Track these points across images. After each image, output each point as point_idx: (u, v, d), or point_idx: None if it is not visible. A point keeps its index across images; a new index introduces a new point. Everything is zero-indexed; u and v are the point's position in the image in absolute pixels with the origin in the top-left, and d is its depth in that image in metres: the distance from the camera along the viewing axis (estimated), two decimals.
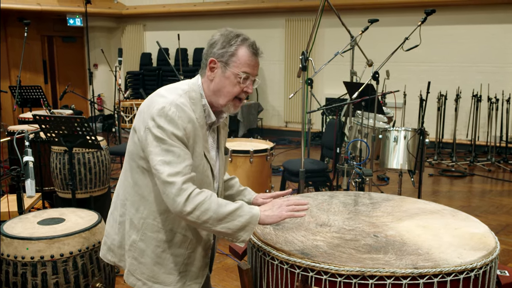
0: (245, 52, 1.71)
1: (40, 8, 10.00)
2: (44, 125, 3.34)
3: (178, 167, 1.62)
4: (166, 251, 1.77)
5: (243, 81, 1.72)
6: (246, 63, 1.71)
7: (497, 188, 6.07)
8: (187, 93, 1.74)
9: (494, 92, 7.47)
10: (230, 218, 1.63)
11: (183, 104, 1.69)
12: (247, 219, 1.64)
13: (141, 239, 1.77)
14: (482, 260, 1.55)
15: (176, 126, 1.64)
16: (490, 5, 7.69)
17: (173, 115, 1.64)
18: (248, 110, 8.99)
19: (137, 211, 1.77)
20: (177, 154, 1.64)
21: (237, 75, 1.70)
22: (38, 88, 6.64)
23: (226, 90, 1.72)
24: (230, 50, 1.70)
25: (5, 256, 2.26)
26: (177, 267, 1.79)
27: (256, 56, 1.73)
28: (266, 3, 9.46)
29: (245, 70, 1.71)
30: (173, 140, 1.64)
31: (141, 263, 1.78)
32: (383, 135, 4.22)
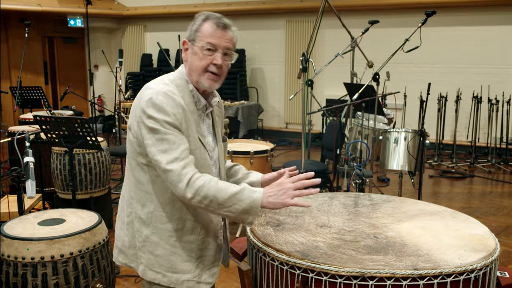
0: (209, 25, 1.73)
1: (41, 9, 10.01)
2: (45, 125, 3.35)
3: (175, 153, 1.65)
4: (179, 240, 1.79)
5: (210, 52, 1.72)
6: (209, 35, 1.72)
7: (497, 189, 6.07)
8: (173, 81, 1.76)
9: (495, 93, 7.47)
10: (231, 202, 1.64)
11: (170, 92, 1.70)
12: (248, 203, 1.64)
13: (153, 232, 1.78)
14: (482, 262, 1.54)
15: (165, 113, 1.66)
16: (490, 7, 7.70)
17: (161, 103, 1.66)
18: (248, 111, 9.00)
19: (143, 207, 1.79)
20: (172, 141, 1.65)
21: (202, 48, 1.72)
22: (38, 88, 6.65)
23: (195, 65, 1.75)
24: (194, 27, 1.74)
25: (6, 257, 2.26)
26: (193, 254, 1.81)
27: (222, 29, 1.73)
28: (266, 4, 9.47)
29: (209, 41, 1.71)
30: (166, 128, 1.66)
31: (158, 256, 1.79)
32: (383, 136, 4.22)
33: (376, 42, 7.47)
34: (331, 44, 8.88)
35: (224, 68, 1.78)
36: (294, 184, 1.68)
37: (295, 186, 1.67)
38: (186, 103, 1.74)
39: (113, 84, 9.81)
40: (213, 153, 1.88)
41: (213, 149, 1.88)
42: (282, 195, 1.66)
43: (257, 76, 10.13)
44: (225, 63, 1.77)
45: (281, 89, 9.83)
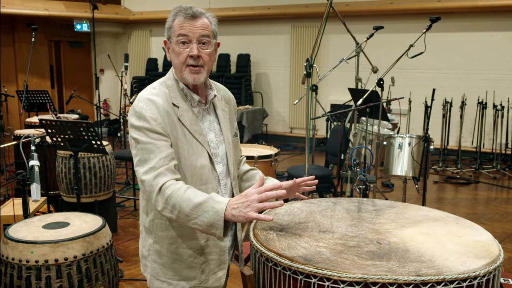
0: (179, 19, 1.68)
1: (47, 13, 10.09)
2: (50, 129, 3.37)
3: (151, 162, 1.62)
4: (180, 247, 1.76)
5: (185, 45, 1.68)
6: (180, 27, 1.67)
7: (502, 195, 6.03)
8: (163, 83, 1.76)
9: (500, 99, 7.45)
10: (195, 213, 1.56)
11: (153, 94, 1.69)
12: (211, 215, 1.54)
13: (155, 240, 1.77)
14: (485, 268, 1.54)
15: (145, 119, 1.64)
16: (495, 13, 7.68)
17: (140, 110, 1.65)
18: (253, 115, 9.01)
19: (147, 215, 1.79)
20: (149, 150, 1.63)
21: (177, 43, 1.69)
22: (44, 92, 6.69)
23: (175, 62, 1.72)
24: (167, 24, 1.72)
25: (10, 260, 2.27)
26: (196, 259, 1.77)
27: (191, 19, 1.67)
28: (272, 9, 9.51)
29: (180, 33, 1.67)
30: (147, 136, 1.64)
31: (161, 265, 1.78)
32: (388, 142, 4.22)
33: (381, 47, 7.47)
34: (336, 49, 8.89)
35: (204, 57, 1.70)
36: (259, 196, 1.54)
37: (259, 198, 1.53)
38: (178, 102, 1.71)
39: (118, 88, 9.86)
40: (217, 150, 1.82)
41: (217, 146, 1.82)
42: (245, 208, 1.53)
43: (262, 81, 10.15)
44: (203, 52, 1.70)
45: (286, 94, 9.84)
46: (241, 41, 10.07)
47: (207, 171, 1.75)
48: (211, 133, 1.81)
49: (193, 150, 1.72)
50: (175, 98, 1.72)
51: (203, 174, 1.75)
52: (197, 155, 1.73)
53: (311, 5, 8.88)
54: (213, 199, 1.57)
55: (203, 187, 1.75)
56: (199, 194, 1.58)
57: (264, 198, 1.54)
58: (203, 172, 1.74)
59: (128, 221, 4.93)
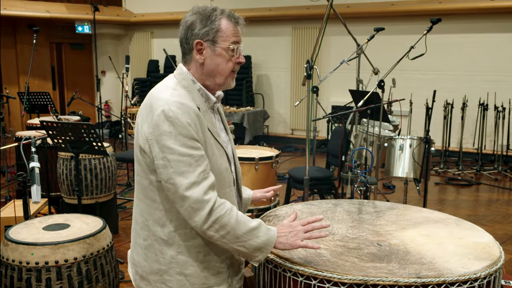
0: (228, 24, 1.63)
1: (49, 15, 10.11)
2: (51, 131, 3.37)
3: (192, 176, 1.53)
4: (208, 254, 1.68)
5: (233, 52, 1.65)
6: (232, 34, 1.64)
7: (503, 197, 6.02)
8: (179, 83, 1.65)
9: (501, 100, 7.44)
10: (247, 237, 1.57)
11: (180, 97, 1.59)
12: (263, 240, 1.58)
13: (179, 251, 1.66)
14: (486, 270, 1.54)
15: (181, 125, 1.53)
16: (496, 14, 7.68)
17: (175, 114, 1.54)
18: (254, 117, 9.01)
19: (163, 227, 1.66)
20: (187, 163, 1.53)
21: (228, 49, 1.63)
22: (46, 94, 6.70)
23: (221, 68, 1.65)
24: (213, 26, 1.62)
25: (10, 261, 2.27)
26: (223, 264, 1.71)
27: (236, 24, 1.66)
28: (273, 11, 9.51)
29: (234, 40, 1.64)
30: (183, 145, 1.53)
31: (189, 275, 1.67)
32: (389, 143, 4.22)
33: (382, 49, 7.47)
34: (337, 51, 8.89)
35: None
36: (305, 227, 1.62)
37: (305, 228, 1.62)
38: (198, 103, 1.63)
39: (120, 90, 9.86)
40: (228, 149, 1.78)
41: (227, 146, 1.79)
42: (292, 237, 1.60)
43: (263, 83, 10.15)
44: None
45: (287, 96, 9.84)
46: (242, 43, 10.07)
47: (228, 173, 1.72)
48: (222, 133, 1.78)
49: (218, 153, 1.67)
50: (195, 99, 1.64)
51: (226, 177, 1.71)
52: (221, 158, 1.69)
53: (312, 6, 8.89)
54: (264, 225, 1.61)
55: (227, 189, 1.71)
56: (249, 219, 1.61)
57: (310, 229, 1.62)
58: (226, 175, 1.70)
59: (129, 222, 4.92)
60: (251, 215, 4.21)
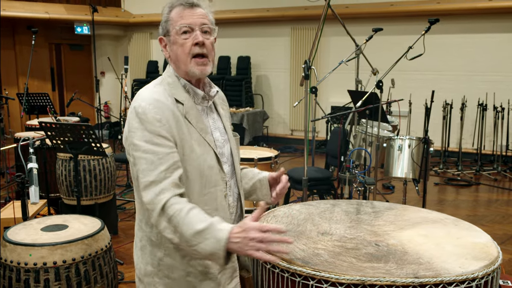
0: (177, 10, 1.61)
1: (48, 16, 10.12)
2: (50, 132, 3.37)
3: (151, 175, 1.49)
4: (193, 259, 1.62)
5: (187, 35, 1.59)
6: (179, 17, 1.60)
7: (503, 197, 6.02)
8: (163, 80, 1.66)
9: (500, 101, 7.44)
10: (196, 240, 1.44)
11: (155, 92, 1.59)
12: (212, 243, 1.43)
13: (166, 254, 1.63)
14: (484, 270, 1.54)
15: (148, 121, 1.52)
16: (495, 14, 7.68)
17: (144, 110, 1.53)
18: (253, 118, 9.02)
19: (152, 228, 1.63)
20: (150, 161, 1.50)
21: (178, 33, 1.59)
22: (45, 95, 6.71)
23: (179, 54, 1.61)
24: (164, 19, 1.64)
25: (8, 262, 2.27)
26: (211, 270, 1.65)
27: (190, 7, 1.61)
28: (271, 11, 9.52)
29: (181, 23, 1.59)
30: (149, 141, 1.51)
31: (175, 280, 1.63)
32: (388, 144, 4.22)
33: (381, 49, 7.47)
34: (336, 51, 8.90)
35: (208, 45, 1.62)
36: (262, 235, 1.42)
37: (261, 237, 1.42)
38: (182, 99, 1.61)
39: (119, 90, 9.86)
40: (223, 149, 1.72)
41: (223, 145, 1.73)
42: (246, 246, 1.42)
43: (262, 83, 10.16)
44: (207, 40, 1.61)
45: (286, 96, 9.85)
46: (241, 44, 10.09)
47: (215, 172, 1.65)
48: (216, 132, 1.73)
49: (200, 151, 1.61)
50: (178, 95, 1.62)
51: (212, 176, 1.64)
52: (205, 155, 1.62)
53: (311, 7, 8.88)
54: (214, 226, 1.45)
55: (212, 189, 1.65)
56: (201, 218, 1.47)
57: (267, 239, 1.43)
58: (212, 173, 1.64)
59: (129, 223, 4.92)
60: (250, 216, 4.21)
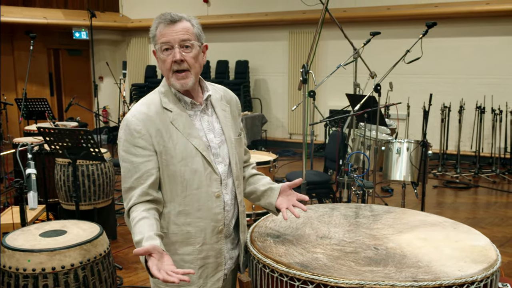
0: (160, 27, 1.71)
1: (46, 21, 10.13)
2: (48, 137, 3.37)
3: (129, 181, 1.71)
4: (175, 253, 1.74)
5: (168, 52, 1.69)
6: (161, 35, 1.70)
7: (502, 199, 6.03)
8: (157, 91, 1.80)
9: (498, 103, 7.46)
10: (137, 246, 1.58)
11: (143, 104, 1.75)
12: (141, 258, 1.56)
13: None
14: (483, 273, 1.54)
15: (129, 132, 1.70)
16: (492, 17, 7.71)
17: (127, 122, 1.71)
18: (252, 121, 9.02)
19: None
20: (127, 169, 1.71)
21: (160, 50, 1.71)
22: (43, 100, 6.70)
23: (162, 69, 1.75)
24: (151, 34, 1.75)
25: (7, 268, 2.26)
26: (193, 265, 1.75)
27: (169, 24, 1.68)
28: (269, 16, 9.54)
29: (161, 41, 1.69)
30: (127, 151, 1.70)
31: None
32: (386, 147, 4.22)
33: (379, 53, 7.49)
34: (334, 55, 8.92)
35: (189, 60, 1.70)
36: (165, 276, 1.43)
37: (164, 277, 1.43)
38: (171, 107, 1.73)
39: (117, 95, 9.88)
40: (218, 150, 1.79)
41: (218, 146, 1.80)
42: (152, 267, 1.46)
43: (261, 87, 10.17)
44: (187, 56, 1.69)
45: (285, 100, 9.86)
46: (239, 48, 10.10)
47: (199, 175, 1.72)
48: (210, 134, 1.79)
49: (184, 155, 1.71)
50: (167, 103, 1.74)
51: (195, 179, 1.72)
52: (188, 160, 1.71)
53: (309, 11, 8.90)
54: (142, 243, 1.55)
55: (194, 191, 1.73)
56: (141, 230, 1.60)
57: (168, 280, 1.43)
58: (194, 176, 1.72)
59: (127, 228, 4.91)
60: (249, 220, 4.21)
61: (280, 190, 1.91)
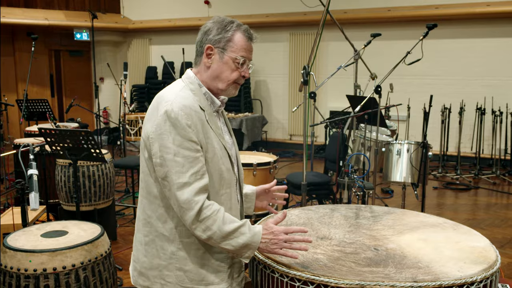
0: (241, 37, 1.73)
1: (47, 23, 10.15)
2: (49, 138, 3.38)
3: (184, 177, 1.61)
4: (208, 251, 1.73)
5: (241, 65, 1.74)
6: (242, 48, 1.73)
7: (502, 201, 6.03)
8: (186, 86, 1.74)
9: (498, 105, 7.47)
10: (234, 235, 1.62)
11: (184, 98, 1.68)
12: (249, 237, 1.63)
13: (179, 248, 1.72)
14: (482, 274, 1.54)
15: (181, 127, 1.61)
16: (493, 19, 7.72)
17: (176, 115, 1.62)
18: (252, 123, 9.03)
19: (165, 223, 1.73)
20: (181, 164, 1.61)
21: (235, 60, 1.72)
22: (44, 101, 6.72)
23: (225, 75, 1.74)
24: (226, 35, 1.72)
25: (8, 268, 2.27)
26: (223, 263, 1.76)
27: (251, 41, 1.77)
28: (270, 17, 9.55)
29: (243, 55, 1.73)
30: (180, 145, 1.61)
31: (188, 271, 1.73)
32: (386, 148, 4.23)
33: (379, 54, 7.50)
34: (335, 56, 8.93)
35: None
36: (286, 236, 1.64)
37: (287, 238, 1.64)
38: (203, 106, 1.72)
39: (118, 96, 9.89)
40: (231, 151, 1.85)
41: (231, 147, 1.87)
42: (272, 245, 1.63)
43: (261, 88, 10.18)
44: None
45: (285, 101, 9.87)
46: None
47: (230, 174, 1.78)
48: (226, 135, 1.86)
49: (220, 154, 1.73)
50: (200, 102, 1.72)
51: (227, 178, 1.76)
52: (223, 159, 1.75)
53: (310, 12, 8.92)
54: (249, 224, 1.66)
55: (228, 190, 1.77)
56: (235, 219, 1.67)
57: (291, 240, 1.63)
58: (227, 176, 1.76)
59: (128, 229, 4.92)
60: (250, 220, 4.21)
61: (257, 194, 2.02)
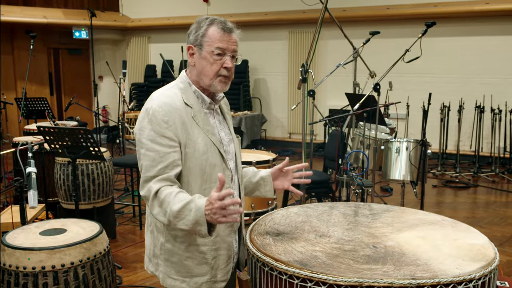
0: (215, 30, 1.78)
1: (46, 21, 10.13)
2: (48, 136, 3.38)
3: (152, 171, 1.70)
4: (192, 244, 1.81)
5: (219, 57, 1.77)
6: (217, 39, 1.77)
7: (501, 199, 6.04)
8: (175, 85, 1.84)
9: (497, 103, 7.47)
10: (183, 213, 1.64)
11: (166, 96, 1.77)
12: (195, 212, 1.62)
13: (167, 239, 1.82)
14: (481, 271, 1.54)
15: (156, 122, 1.70)
16: (491, 17, 7.72)
17: (154, 111, 1.72)
18: (251, 121, 9.03)
19: None
20: (152, 158, 1.70)
21: (211, 53, 1.77)
22: (43, 100, 6.71)
23: (206, 70, 1.79)
24: (200, 32, 1.79)
25: (7, 266, 2.27)
26: (207, 256, 1.83)
27: (227, 32, 1.79)
28: (269, 15, 9.54)
29: (218, 46, 1.77)
30: (153, 141, 1.70)
31: (174, 263, 1.82)
32: (385, 146, 4.23)
33: (378, 52, 7.49)
34: (334, 54, 8.93)
35: (232, 69, 1.84)
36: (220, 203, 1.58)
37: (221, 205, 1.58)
38: (191, 103, 1.79)
39: (117, 95, 9.88)
40: (228, 147, 1.91)
41: (228, 144, 1.91)
42: (214, 215, 1.60)
43: (260, 87, 10.17)
44: (233, 65, 1.83)
45: (284, 99, 9.87)
46: (239, 47, 10.10)
47: (217, 170, 1.81)
48: (222, 132, 1.91)
49: (204, 150, 1.78)
50: (188, 99, 1.80)
51: (213, 173, 1.80)
52: (208, 154, 1.79)
53: (308, 11, 8.91)
54: (195, 199, 1.65)
55: (213, 185, 1.80)
56: (186, 197, 1.66)
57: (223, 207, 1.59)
58: (213, 171, 1.80)
59: (127, 227, 4.92)
60: (248, 219, 4.22)
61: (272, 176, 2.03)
